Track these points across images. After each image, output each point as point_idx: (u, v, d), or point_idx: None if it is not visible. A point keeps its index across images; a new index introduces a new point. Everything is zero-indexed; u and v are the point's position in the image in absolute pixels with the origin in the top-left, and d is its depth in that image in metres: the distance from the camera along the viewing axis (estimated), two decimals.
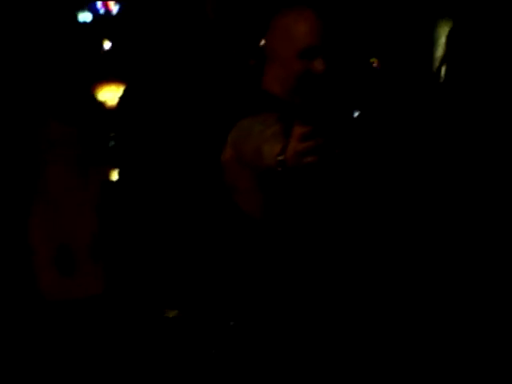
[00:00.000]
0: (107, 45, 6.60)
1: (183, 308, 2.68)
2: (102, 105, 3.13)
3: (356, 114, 4.30)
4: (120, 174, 3.29)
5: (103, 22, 6.94)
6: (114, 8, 7.13)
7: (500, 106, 3.24)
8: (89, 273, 2.80)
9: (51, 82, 2.96)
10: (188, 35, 4.41)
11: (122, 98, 3.28)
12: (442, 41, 5.94)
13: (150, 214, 3.21)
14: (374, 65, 6.52)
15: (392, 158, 3.29)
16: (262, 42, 7.21)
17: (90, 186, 3.00)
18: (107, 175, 3.23)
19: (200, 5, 3.85)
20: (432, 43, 6.22)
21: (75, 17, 6.94)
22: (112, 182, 3.28)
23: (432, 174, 3.31)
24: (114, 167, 3.32)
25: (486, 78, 3.51)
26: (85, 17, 6.89)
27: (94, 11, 7.09)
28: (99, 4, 7.07)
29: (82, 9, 6.89)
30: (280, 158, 1.84)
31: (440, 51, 5.93)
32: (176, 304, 2.72)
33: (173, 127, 3.26)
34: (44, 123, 2.92)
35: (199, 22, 3.75)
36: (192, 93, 3.37)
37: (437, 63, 5.98)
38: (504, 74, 3.59)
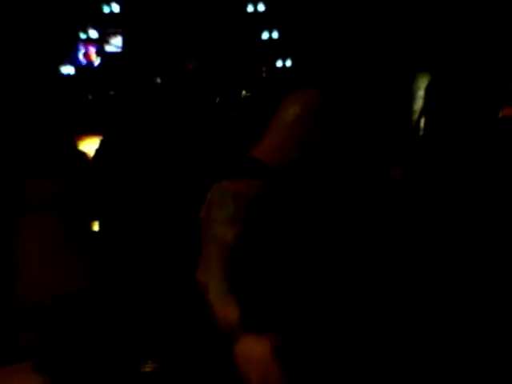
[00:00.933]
0: (89, 96, 6.64)
1: (160, 362, 2.61)
2: (84, 156, 3.11)
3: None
4: (100, 225, 3.27)
5: (86, 74, 6.99)
6: (96, 60, 7.20)
7: (480, 156, 3.27)
8: None
9: (34, 136, 2.95)
10: (169, 86, 4.44)
11: (98, 150, 3.27)
12: (420, 93, 6.02)
13: (129, 265, 3.18)
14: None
15: (373, 212, 3.29)
16: (244, 93, 7.27)
17: (76, 240, 2.96)
18: (91, 227, 3.22)
19: (181, 55, 3.89)
20: (411, 96, 6.32)
21: (58, 70, 7.00)
22: (94, 232, 3.26)
23: (413, 228, 3.32)
24: (94, 219, 3.30)
25: (465, 130, 3.54)
26: (67, 69, 6.95)
27: (77, 63, 7.16)
28: (81, 56, 7.15)
29: (65, 62, 6.96)
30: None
31: (419, 104, 6.01)
32: (153, 357, 2.65)
33: (152, 179, 3.25)
34: (26, 181, 2.89)
35: (180, 73, 3.78)
36: (171, 144, 3.37)
37: (416, 115, 6.03)
38: (482, 124, 3.63)
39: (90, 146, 3.36)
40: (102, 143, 3.24)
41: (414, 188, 3.23)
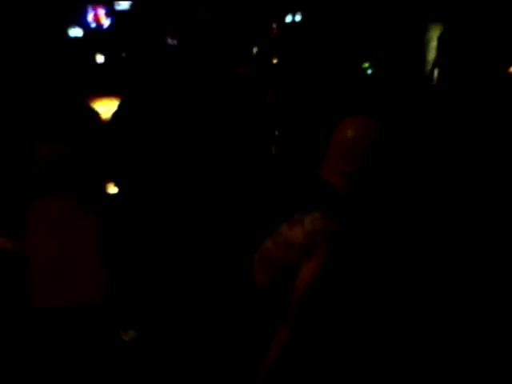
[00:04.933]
0: (100, 58, 6.61)
1: (141, 330, 2.55)
2: (96, 118, 3.07)
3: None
4: (117, 187, 3.27)
5: (95, 36, 6.95)
6: (106, 22, 7.15)
7: (492, 107, 3.25)
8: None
9: (42, 96, 2.91)
10: (182, 45, 4.39)
11: (116, 112, 3.26)
12: (433, 44, 5.96)
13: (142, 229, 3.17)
14: (368, 70, 6.54)
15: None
16: (255, 51, 7.19)
17: (89, 207, 2.89)
18: (105, 189, 3.19)
19: (191, 11, 3.84)
20: (424, 46, 6.25)
21: (66, 32, 6.96)
22: (109, 194, 3.25)
23: (426, 180, 3.31)
24: (109, 181, 3.29)
25: (478, 79, 3.51)
26: (75, 32, 6.91)
27: (86, 25, 7.11)
28: (90, 18, 7.09)
29: (73, 24, 6.91)
30: None
31: (432, 54, 5.95)
32: (133, 325, 2.58)
33: (167, 140, 3.24)
34: (33, 143, 2.80)
35: (192, 32, 3.74)
36: (188, 105, 3.35)
37: (429, 66, 6.00)
38: (495, 75, 3.60)
39: (105, 107, 3.33)
40: (120, 105, 3.21)
41: (427, 138, 3.21)
